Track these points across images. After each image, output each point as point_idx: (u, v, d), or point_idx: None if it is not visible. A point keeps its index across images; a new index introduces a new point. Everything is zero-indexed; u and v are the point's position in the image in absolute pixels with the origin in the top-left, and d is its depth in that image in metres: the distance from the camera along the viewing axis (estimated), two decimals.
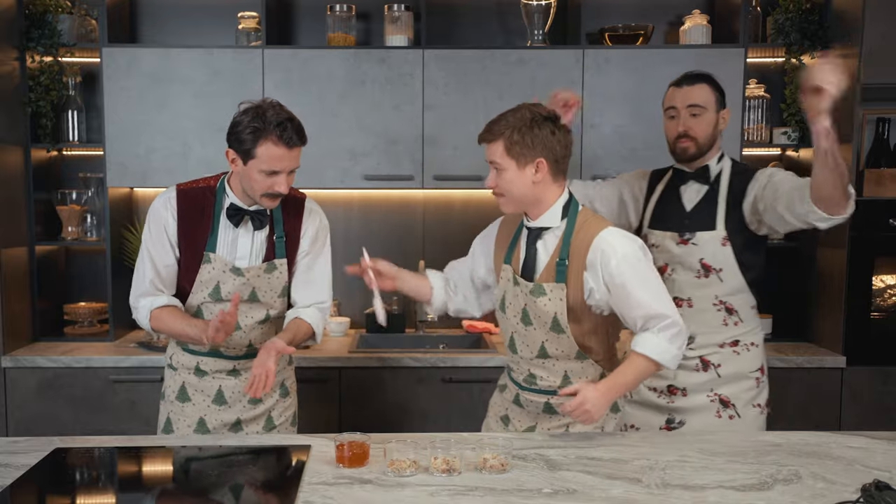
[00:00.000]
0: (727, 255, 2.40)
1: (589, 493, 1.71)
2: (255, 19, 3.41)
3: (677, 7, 3.58)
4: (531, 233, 2.13)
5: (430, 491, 1.72)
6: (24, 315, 3.31)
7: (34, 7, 3.29)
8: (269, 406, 2.38)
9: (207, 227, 2.26)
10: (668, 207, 2.50)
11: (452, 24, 3.60)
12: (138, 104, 3.25)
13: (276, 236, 2.30)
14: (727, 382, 2.44)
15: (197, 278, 2.26)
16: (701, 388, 2.45)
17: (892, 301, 3.22)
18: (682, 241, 2.43)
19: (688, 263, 2.43)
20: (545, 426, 2.19)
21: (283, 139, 2.11)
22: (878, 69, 3.05)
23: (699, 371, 2.45)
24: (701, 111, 2.39)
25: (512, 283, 2.15)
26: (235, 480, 1.87)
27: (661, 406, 2.49)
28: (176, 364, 2.36)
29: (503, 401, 2.30)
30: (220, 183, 2.29)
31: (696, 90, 2.40)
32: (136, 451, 2.01)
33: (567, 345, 2.10)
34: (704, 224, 2.42)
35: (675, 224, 2.45)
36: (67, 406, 3.13)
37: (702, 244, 2.41)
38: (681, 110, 2.41)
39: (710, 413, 2.45)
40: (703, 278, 2.42)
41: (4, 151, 3.18)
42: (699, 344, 2.44)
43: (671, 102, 2.45)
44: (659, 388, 2.48)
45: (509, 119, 2.06)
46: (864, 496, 1.60)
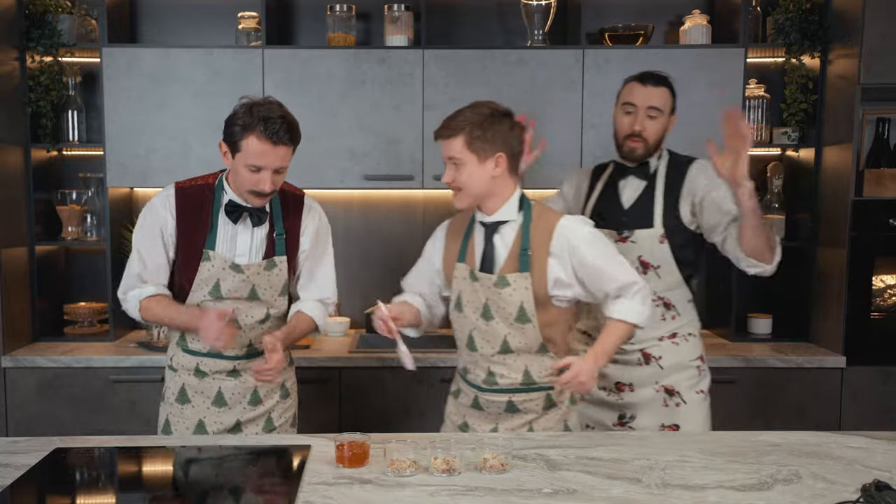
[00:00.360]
0: (665, 253, 2.44)
1: (589, 493, 1.71)
2: (255, 19, 3.42)
3: (677, 7, 3.58)
4: (488, 227, 2.16)
5: (430, 491, 1.72)
6: (24, 315, 3.31)
7: (34, 7, 3.29)
8: (269, 407, 2.38)
9: (206, 224, 2.26)
10: (608, 204, 2.53)
11: (452, 24, 3.61)
12: (138, 104, 3.25)
13: (275, 233, 2.30)
14: (670, 373, 2.49)
15: (196, 276, 2.26)
16: (646, 382, 2.50)
17: (892, 301, 3.22)
18: (621, 238, 2.45)
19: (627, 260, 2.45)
20: (506, 426, 2.20)
21: (267, 134, 2.10)
22: (878, 69, 3.05)
23: (642, 365, 2.50)
24: (658, 114, 2.41)
25: (469, 280, 2.17)
26: (235, 481, 1.87)
27: (611, 403, 2.53)
28: (176, 365, 2.36)
29: (459, 407, 2.30)
30: (219, 180, 2.29)
31: (659, 92, 2.41)
32: (136, 451, 2.01)
33: (531, 336, 2.13)
34: (642, 222, 2.45)
35: (613, 221, 2.47)
36: (67, 406, 3.13)
37: (640, 241, 2.44)
38: (640, 109, 2.41)
39: (657, 404, 2.49)
40: (641, 275, 2.36)
41: (4, 151, 3.18)
42: (639, 338, 2.46)
43: (630, 98, 2.42)
44: (608, 386, 2.53)
45: (468, 115, 2.10)
46: (864, 496, 1.60)
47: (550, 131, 3.30)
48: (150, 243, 2.28)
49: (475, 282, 2.16)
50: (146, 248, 2.28)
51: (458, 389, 2.31)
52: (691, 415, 2.48)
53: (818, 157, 3.37)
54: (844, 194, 3.17)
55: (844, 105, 3.18)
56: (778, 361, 3.16)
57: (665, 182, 2.46)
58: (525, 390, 2.18)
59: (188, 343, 2.33)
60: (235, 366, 2.33)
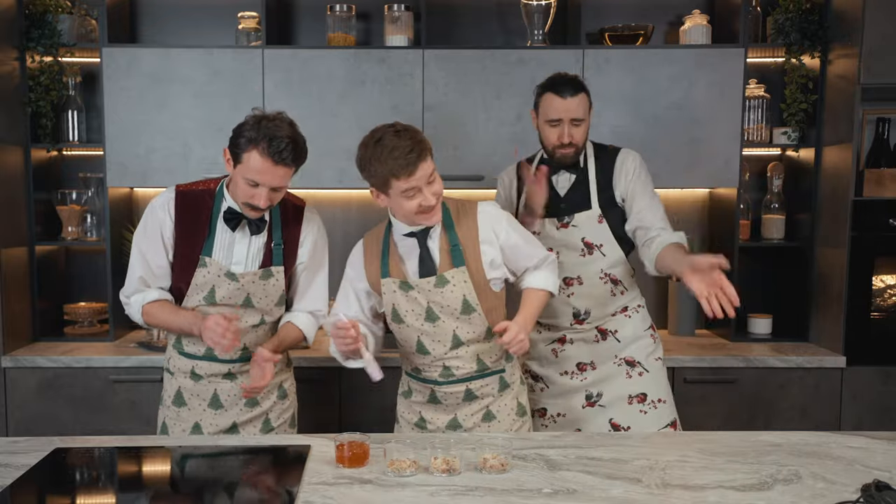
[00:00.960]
0: (604, 231, 2.53)
1: (589, 493, 1.71)
2: (255, 19, 3.42)
3: (677, 7, 3.58)
4: (419, 235, 2.19)
5: (430, 491, 1.72)
6: (24, 315, 3.31)
7: (34, 7, 3.29)
8: (266, 408, 2.37)
9: (204, 230, 2.25)
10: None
11: (452, 24, 3.60)
12: (138, 104, 3.25)
13: (273, 243, 2.29)
14: (627, 345, 2.58)
15: (192, 281, 2.26)
16: (607, 357, 2.58)
17: (892, 301, 3.22)
18: (562, 224, 2.55)
19: (571, 244, 2.54)
20: (465, 413, 2.26)
21: (270, 152, 2.08)
22: (878, 69, 3.05)
23: (599, 342, 2.58)
24: (581, 122, 2.48)
25: (402, 291, 2.19)
26: (235, 481, 1.87)
27: (576, 387, 2.59)
28: (173, 368, 2.36)
29: (412, 405, 2.32)
30: (220, 187, 2.29)
31: (577, 102, 2.46)
32: (136, 451, 2.01)
33: (478, 324, 2.21)
34: (580, 206, 2.54)
35: (552, 210, 2.55)
36: (67, 406, 3.13)
37: (581, 224, 2.53)
38: (564, 122, 2.46)
39: (621, 377, 2.56)
40: (587, 256, 2.54)
41: (4, 151, 3.18)
42: (594, 317, 2.58)
43: (555, 115, 2.47)
44: (569, 369, 2.60)
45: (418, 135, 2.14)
46: (864, 496, 1.60)
47: None
48: (152, 245, 2.28)
49: (410, 290, 2.18)
50: (148, 250, 2.29)
51: (408, 390, 2.34)
52: (654, 382, 2.57)
53: (818, 157, 3.37)
54: (844, 194, 3.17)
55: (844, 105, 3.18)
56: (778, 361, 3.16)
57: (596, 169, 2.56)
58: (480, 376, 2.25)
59: (184, 346, 2.33)
60: (230, 369, 2.33)
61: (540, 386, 2.65)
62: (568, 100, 2.46)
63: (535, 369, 2.67)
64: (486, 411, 2.28)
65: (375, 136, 2.12)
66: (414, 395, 2.32)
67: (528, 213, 2.54)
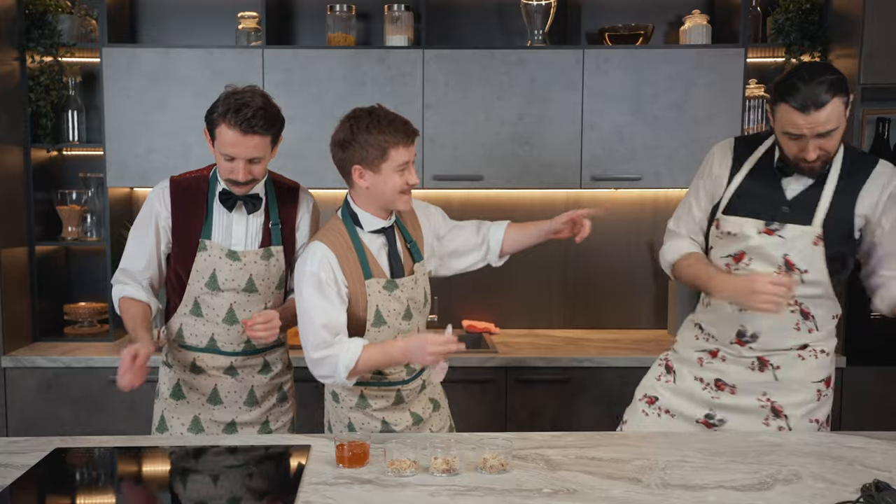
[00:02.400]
0: (817, 256, 2.12)
1: (589, 493, 1.71)
2: (255, 19, 3.42)
3: (677, 7, 3.58)
4: (388, 232, 2.18)
5: (430, 491, 1.72)
6: (24, 315, 3.31)
7: (34, 7, 3.29)
8: (266, 409, 2.36)
9: (202, 214, 2.26)
10: (764, 189, 2.19)
11: (452, 24, 3.60)
12: (138, 104, 3.25)
13: (271, 223, 2.30)
14: (784, 389, 2.20)
15: (193, 267, 2.26)
16: (753, 389, 2.23)
17: None
18: (767, 230, 2.14)
19: (768, 256, 2.14)
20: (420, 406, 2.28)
21: (237, 122, 2.07)
22: (878, 69, 3.05)
23: (754, 370, 2.22)
24: (833, 131, 2.03)
25: (387, 291, 2.14)
26: (235, 480, 1.87)
27: (704, 399, 2.28)
28: (172, 361, 2.36)
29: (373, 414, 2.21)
30: (213, 171, 2.31)
31: (827, 114, 2.00)
32: (136, 451, 2.01)
33: (426, 314, 2.30)
34: (799, 217, 2.13)
35: (765, 210, 2.16)
36: (67, 406, 3.13)
37: (789, 239, 2.12)
38: (808, 137, 2.03)
39: (757, 418, 2.23)
40: (781, 275, 2.11)
41: (4, 151, 3.18)
42: (762, 345, 2.20)
43: (795, 130, 2.04)
44: (706, 379, 2.28)
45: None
46: (864, 496, 1.60)
47: (550, 131, 3.31)
48: (142, 239, 2.29)
49: (395, 289, 2.15)
50: (137, 243, 2.30)
51: (362, 400, 2.21)
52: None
53: None
54: None
55: None
56: None
57: (839, 179, 2.13)
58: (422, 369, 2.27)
59: (185, 338, 2.31)
60: (233, 362, 2.30)
61: (667, 378, 2.35)
62: (812, 115, 1.98)
63: (672, 361, 2.37)
64: (434, 401, 2.34)
65: (362, 111, 2.12)
66: (373, 403, 2.21)
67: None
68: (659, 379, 2.39)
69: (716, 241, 2.28)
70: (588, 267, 3.67)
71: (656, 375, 2.41)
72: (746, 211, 2.19)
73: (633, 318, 3.66)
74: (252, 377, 2.33)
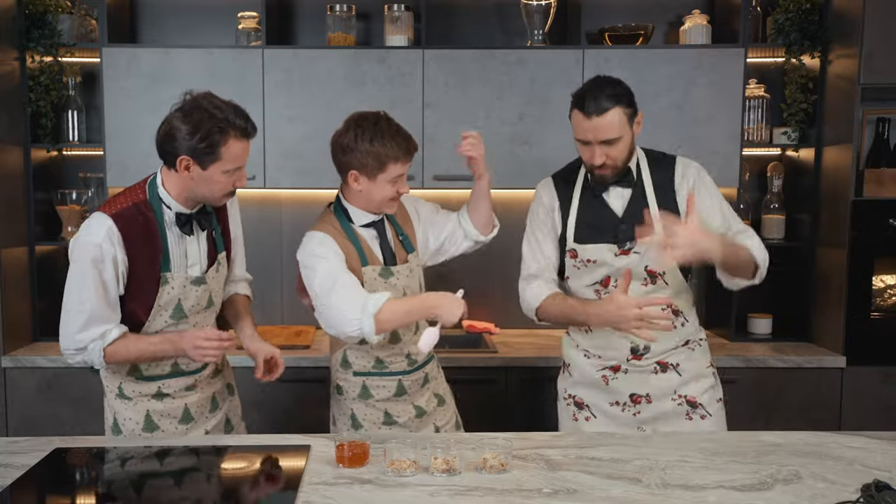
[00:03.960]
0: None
1: (589, 493, 1.71)
2: (255, 19, 3.42)
3: (677, 7, 3.58)
4: (378, 225, 2.29)
5: (430, 491, 1.72)
6: (24, 315, 3.31)
7: (34, 7, 3.29)
8: (225, 410, 2.35)
9: (157, 246, 2.07)
10: (599, 216, 2.30)
11: (452, 24, 3.60)
12: (138, 104, 3.25)
13: (214, 231, 2.21)
14: (688, 381, 2.33)
15: (155, 303, 2.10)
16: (664, 392, 2.32)
17: (892, 301, 3.22)
18: (623, 251, 2.26)
19: (634, 273, 2.24)
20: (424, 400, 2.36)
21: (244, 133, 2.01)
22: (878, 69, 3.05)
23: (658, 373, 2.32)
24: (615, 140, 2.18)
25: (382, 278, 2.25)
26: (235, 480, 1.87)
27: (627, 420, 2.34)
28: (130, 394, 2.18)
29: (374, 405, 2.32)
30: (152, 192, 2.10)
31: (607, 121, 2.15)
32: (136, 452, 2.00)
33: None
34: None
35: (609, 234, 2.28)
36: (67, 406, 3.13)
37: (643, 251, 2.24)
38: (594, 143, 2.18)
39: (679, 418, 2.33)
40: (650, 285, 2.27)
41: (4, 151, 3.18)
42: (655, 352, 2.31)
43: (581, 135, 2.21)
44: (621, 400, 2.34)
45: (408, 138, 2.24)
46: (864, 496, 1.60)
47: (550, 131, 3.31)
48: (106, 283, 2.04)
49: (390, 277, 2.26)
50: (101, 288, 2.04)
51: (364, 391, 2.31)
52: (717, 428, 2.34)
53: (818, 157, 3.37)
54: (844, 194, 3.17)
55: (844, 105, 3.18)
56: (778, 361, 3.16)
57: (653, 183, 2.29)
58: (427, 361, 2.39)
59: (143, 371, 2.17)
60: (196, 380, 2.23)
61: (585, 415, 2.38)
62: (593, 120, 2.15)
63: (580, 395, 2.39)
64: (438, 396, 2.41)
65: (367, 119, 2.19)
66: (375, 394, 2.31)
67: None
68: (576, 419, 2.40)
69: (574, 272, 2.35)
70: None
71: (571, 416, 2.41)
72: (595, 237, 2.29)
73: None
74: (208, 385, 2.28)
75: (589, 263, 2.30)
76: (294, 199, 3.62)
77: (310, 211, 3.63)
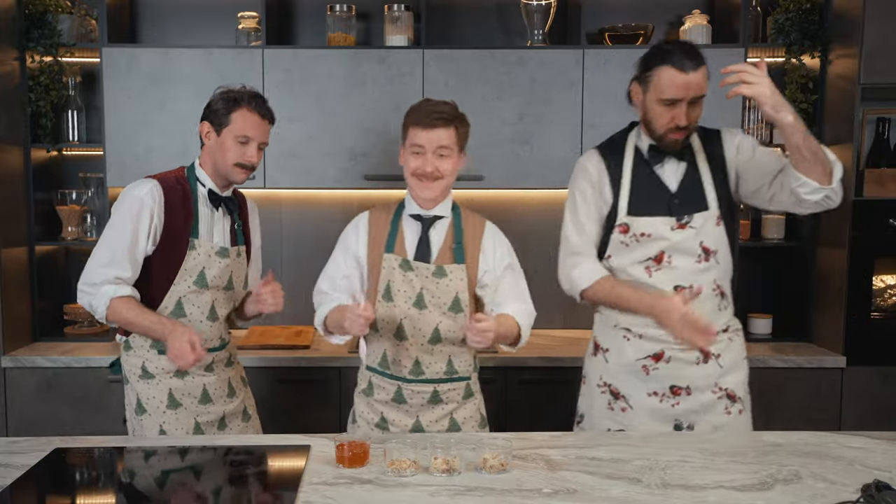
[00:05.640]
0: (721, 235, 2.26)
1: (589, 493, 1.71)
2: (255, 19, 3.42)
3: (677, 7, 3.58)
4: (426, 221, 2.26)
5: (430, 491, 1.72)
6: (24, 315, 3.31)
7: (34, 7, 3.29)
8: (242, 398, 2.47)
9: (190, 214, 2.29)
10: (652, 190, 2.27)
11: (452, 24, 3.60)
12: (138, 104, 3.25)
13: (236, 225, 2.40)
14: (728, 372, 2.31)
15: (182, 266, 2.28)
16: (705, 384, 2.29)
17: (892, 301, 3.22)
18: (680, 225, 2.24)
19: (688, 248, 2.24)
20: (428, 418, 2.27)
21: (257, 108, 2.27)
22: (878, 69, 3.05)
23: (699, 364, 2.29)
24: (700, 100, 2.18)
25: (401, 270, 2.23)
26: (235, 480, 1.87)
27: (665, 412, 2.30)
28: (154, 371, 2.31)
29: (373, 404, 2.31)
30: (190, 172, 2.35)
31: (701, 76, 2.15)
32: (136, 452, 2.01)
33: (461, 324, 2.22)
34: (697, 204, 2.25)
35: (665, 208, 2.25)
36: (67, 406, 3.13)
37: (699, 226, 2.23)
38: (684, 101, 2.15)
39: (718, 411, 2.30)
40: (702, 262, 2.24)
41: (4, 151, 3.18)
42: None
43: (674, 94, 2.15)
44: (660, 390, 2.30)
45: (448, 108, 2.22)
46: (864, 496, 1.60)
47: (550, 131, 3.31)
48: (130, 237, 2.22)
49: (409, 271, 2.23)
50: (123, 242, 2.21)
51: (369, 387, 2.33)
52: (747, 419, 2.33)
53: None
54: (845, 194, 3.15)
55: (844, 105, 3.18)
56: (778, 361, 3.16)
57: (706, 158, 2.27)
58: (448, 380, 2.27)
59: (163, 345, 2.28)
60: (214, 358, 2.38)
61: (621, 405, 2.33)
62: (690, 75, 2.12)
63: (617, 384, 2.34)
64: (451, 419, 2.29)
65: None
66: (377, 393, 2.30)
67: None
68: (612, 408, 2.35)
69: (621, 249, 2.29)
70: None
71: (607, 405, 2.36)
72: (651, 210, 2.25)
73: None
74: (223, 370, 2.42)
75: (642, 238, 2.25)
76: (294, 199, 3.62)
77: (310, 211, 3.64)
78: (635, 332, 2.30)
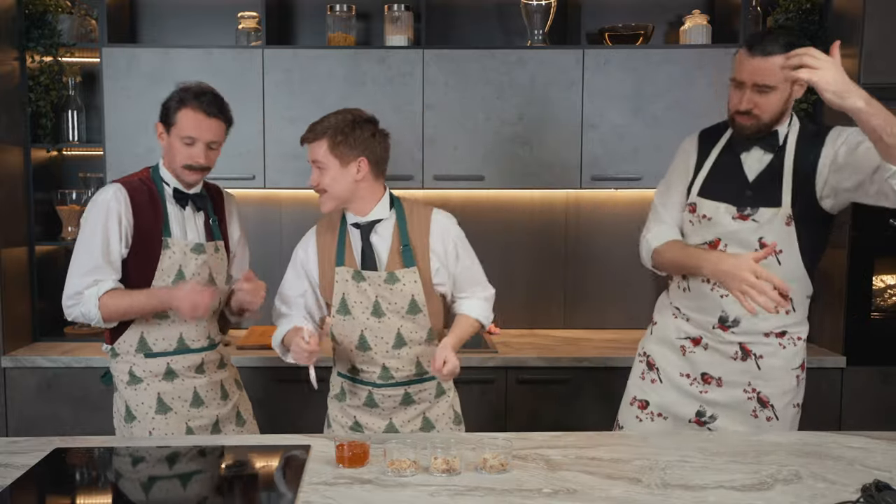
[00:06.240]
0: (790, 237, 2.18)
1: (589, 493, 1.71)
2: (255, 19, 3.42)
3: (677, 7, 3.58)
4: (363, 228, 2.23)
5: (430, 491, 1.72)
6: (24, 315, 3.31)
7: (34, 7, 3.29)
8: (235, 401, 2.45)
9: (159, 213, 2.28)
10: (727, 175, 2.25)
11: (452, 24, 3.60)
12: (138, 104, 3.25)
13: (210, 220, 2.38)
14: (767, 378, 2.26)
15: (158, 266, 2.27)
16: (738, 381, 2.27)
17: (892, 301, 3.22)
18: (741, 215, 2.19)
19: (744, 241, 2.19)
20: (401, 419, 2.28)
21: (199, 106, 2.22)
22: (878, 69, 3.05)
23: (737, 360, 2.26)
24: (768, 90, 2.12)
25: (354, 282, 2.22)
26: (235, 480, 1.87)
27: (692, 394, 2.31)
28: (141, 374, 2.32)
29: (346, 409, 2.33)
30: (154, 172, 2.33)
31: (767, 65, 2.08)
32: (136, 452, 2.01)
33: (423, 324, 2.24)
34: (768, 198, 2.18)
35: (733, 195, 2.21)
36: (67, 406, 3.13)
37: (763, 222, 2.17)
38: (747, 84, 2.13)
39: (745, 411, 2.28)
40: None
41: (4, 151, 3.18)
42: (743, 329, 2.24)
43: (738, 75, 2.15)
44: (692, 374, 2.31)
45: (332, 120, 2.18)
46: (864, 496, 1.60)
47: (550, 131, 3.31)
48: (109, 237, 2.23)
49: (362, 282, 2.22)
50: (105, 241, 2.23)
51: (341, 392, 2.34)
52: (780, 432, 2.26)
53: None
54: None
55: None
56: None
57: (795, 155, 2.18)
58: (418, 381, 2.28)
59: (150, 346, 2.31)
60: (203, 358, 2.35)
61: (652, 377, 2.37)
62: (756, 60, 2.07)
63: (654, 354, 2.38)
64: (424, 419, 2.30)
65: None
66: (348, 399, 2.31)
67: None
68: (643, 377, 2.42)
69: (688, 228, 2.32)
70: (588, 267, 3.67)
71: (640, 374, 2.43)
72: (718, 195, 2.24)
73: (634, 318, 3.65)
74: (215, 372, 2.40)
75: (703, 220, 2.25)
76: (294, 199, 3.62)
77: (310, 211, 3.63)
78: (684, 312, 2.34)
